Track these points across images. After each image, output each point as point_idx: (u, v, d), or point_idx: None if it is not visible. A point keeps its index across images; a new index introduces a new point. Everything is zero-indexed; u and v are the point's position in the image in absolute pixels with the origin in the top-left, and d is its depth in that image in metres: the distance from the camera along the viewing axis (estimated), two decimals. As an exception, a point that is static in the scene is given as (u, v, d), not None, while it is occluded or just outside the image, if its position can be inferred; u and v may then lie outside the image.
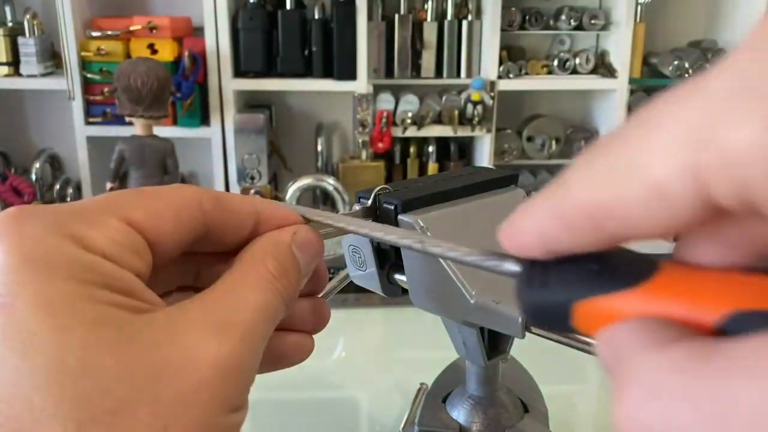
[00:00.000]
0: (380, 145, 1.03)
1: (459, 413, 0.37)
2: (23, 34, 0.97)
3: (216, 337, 0.18)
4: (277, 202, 0.24)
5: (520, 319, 0.28)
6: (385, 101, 1.02)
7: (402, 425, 0.46)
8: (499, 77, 1.02)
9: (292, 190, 0.98)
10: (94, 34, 0.97)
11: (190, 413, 0.17)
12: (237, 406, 0.19)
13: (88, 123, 0.99)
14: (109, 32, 0.97)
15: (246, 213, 0.22)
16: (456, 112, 1.02)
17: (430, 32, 1.03)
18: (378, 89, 1.03)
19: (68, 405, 0.16)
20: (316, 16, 1.01)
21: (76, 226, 0.18)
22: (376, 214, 0.32)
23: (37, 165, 1.03)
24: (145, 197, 0.20)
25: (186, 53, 0.97)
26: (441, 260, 0.30)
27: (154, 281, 0.20)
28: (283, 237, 0.22)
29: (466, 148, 1.10)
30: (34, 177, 1.02)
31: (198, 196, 0.21)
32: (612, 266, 0.14)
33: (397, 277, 0.34)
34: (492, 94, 1.02)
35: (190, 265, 0.23)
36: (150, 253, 0.20)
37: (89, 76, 0.98)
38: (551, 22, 1.03)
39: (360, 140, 1.03)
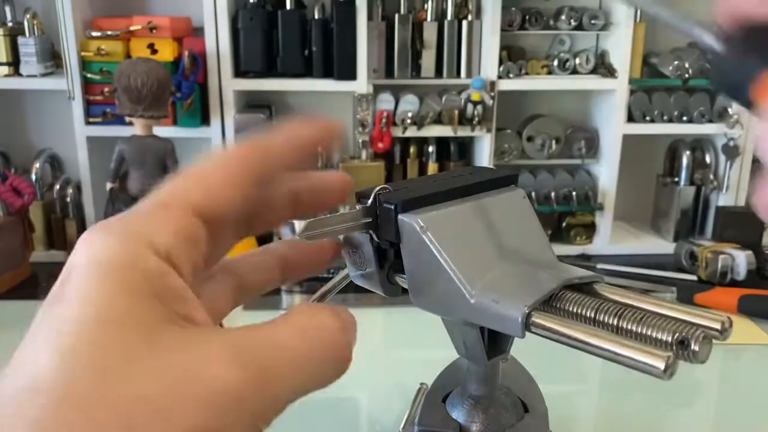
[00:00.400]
0: (380, 145, 1.03)
1: (459, 413, 0.37)
2: (23, 34, 0.97)
3: (232, 361, 0.18)
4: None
5: (520, 319, 0.28)
6: (385, 101, 1.02)
7: (402, 425, 0.46)
8: (499, 77, 1.02)
9: (292, 190, 0.98)
10: (94, 34, 0.97)
11: (178, 422, 0.17)
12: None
13: (88, 123, 0.99)
14: (109, 32, 0.97)
15: (291, 151, 0.25)
16: (456, 112, 1.02)
17: (430, 32, 1.03)
18: (378, 89, 1.03)
19: (55, 390, 0.17)
20: (316, 16, 1.01)
21: (147, 226, 0.20)
22: (376, 213, 0.32)
23: (37, 165, 1.03)
24: (200, 175, 0.22)
25: (186, 53, 0.97)
26: (441, 260, 0.30)
27: (210, 253, 0.22)
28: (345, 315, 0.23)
29: (466, 148, 1.10)
30: (34, 177, 1.02)
31: (244, 155, 0.23)
32: None
33: (397, 277, 0.34)
34: (492, 94, 1.02)
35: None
36: (206, 240, 0.22)
37: (89, 76, 0.98)
38: (551, 22, 1.03)
39: (360, 140, 1.03)
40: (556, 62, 1.03)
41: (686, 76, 1.02)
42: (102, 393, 0.17)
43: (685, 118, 1.06)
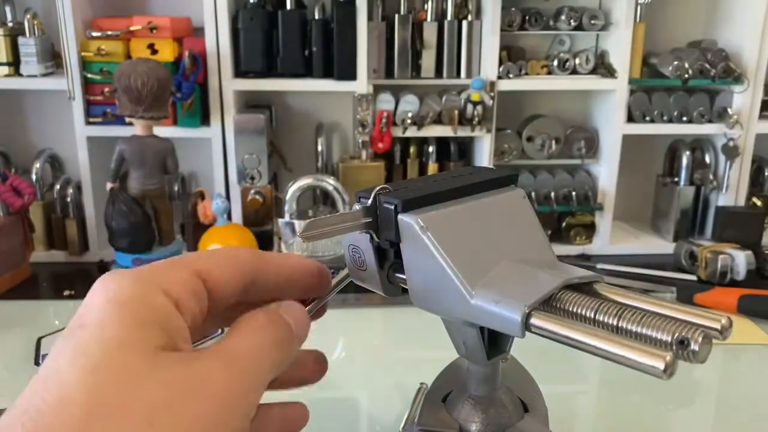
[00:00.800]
0: (380, 145, 1.03)
1: (459, 413, 0.37)
2: (23, 34, 0.97)
3: (223, 366, 0.23)
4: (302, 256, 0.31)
5: (520, 319, 0.28)
6: (385, 101, 1.02)
7: (402, 425, 0.46)
8: (499, 77, 1.02)
9: (292, 190, 0.98)
10: (95, 34, 0.97)
11: (188, 417, 0.22)
12: (235, 429, 0.23)
13: (88, 123, 0.99)
14: (110, 32, 0.97)
15: (283, 267, 0.29)
16: (456, 113, 1.02)
17: (430, 32, 1.03)
18: (378, 89, 1.03)
19: (85, 401, 0.21)
20: (316, 16, 1.01)
21: (158, 275, 0.25)
22: (376, 213, 0.32)
23: (37, 165, 1.03)
24: (211, 254, 0.27)
25: (186, 53, 0.97)
26: (440, 260, 0.30)
27: (209, 323, 0.27)
28: (272, 305, 0.28)
29: (466, 148, 1.10)
30: (34, 177, 1.02)
31: (249, 252, 0.28)
32: None
33: (397, 277, 0.34)
34: (492, 94, 1.02)
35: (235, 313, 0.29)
36: (207, 300, 0.26)
37: (89, 76, 0.98)
38: (551, 23, 1.03)
39: (360, 140, 1.03)
40: (555, 62, 1.03)
41: (686, 76, 1.02)
42: (126, 401, 0.21)
43: (684, 119, 1.06)
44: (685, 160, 1.09)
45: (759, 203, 1.12)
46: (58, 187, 1.04)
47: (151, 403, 0.21)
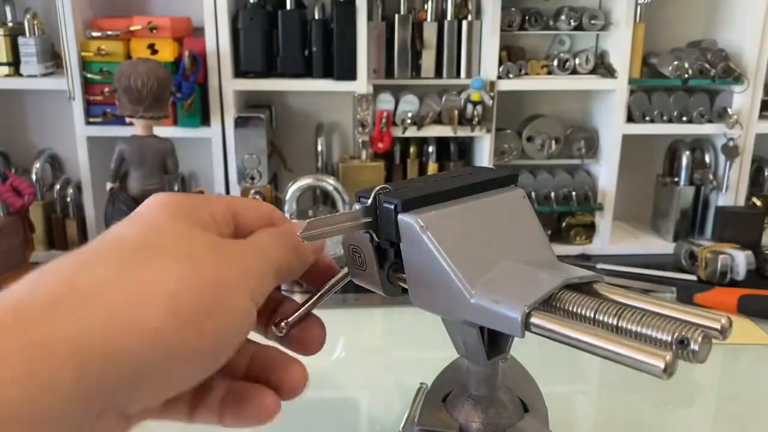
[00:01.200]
0: (380, 145, 1.03)
1: (459, 413, 0.37)
2: (23, 34, 0.97)
3: (248, 250, 0.29)
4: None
5: (520, 319, 0.28)
6: (385, 101, 1.02)
7: (402, 425, 0.47)
8: (499, 77, 1.02)
9: (292, 190, 0.98)
10: (95, 34, 0.97)
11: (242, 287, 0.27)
12: (256, 299, 0.27)
13: (88, 123, 0.99)
14: (110, 32, 0.97)
15: (263, 209, 0.33)
16: (456, 113, 1.02)
17: (430, 32, 1.03)
18: (378, 89, 1.03)
19: (138, 240, 0.25)
20: (316, 16, 1.01)
21: (204, 199, 0.30)
22: (376, 213, 0.32)
23: (37, 165, 1.03)
24: (239, 201, 0.32)
25: (186, 53, 0.97)
26: (440, 259, 0.30)
27: None
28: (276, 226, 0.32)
29: (466, 148, 1.10)
30: (34, 177, 1.02)
31: (234, 200, 0.32)
32: None
33: (397, 277, 0.34)
34: (492, 94, 1.02)
35: None
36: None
37: (89, 76, 0.98)
38: (551, 23, 1.03)
39: (360, 140, 1.03)
40: (555, 62, 1.03)
41: (686, 76, 1.02)
42: (174, 244, 0.26)
43: (684, 119, 1.06)
44: (685, 160, 1.09)
45: (759, 203, 1.12)
46: (58, 187, 1.04)
47: (193, 249, 0.26)
